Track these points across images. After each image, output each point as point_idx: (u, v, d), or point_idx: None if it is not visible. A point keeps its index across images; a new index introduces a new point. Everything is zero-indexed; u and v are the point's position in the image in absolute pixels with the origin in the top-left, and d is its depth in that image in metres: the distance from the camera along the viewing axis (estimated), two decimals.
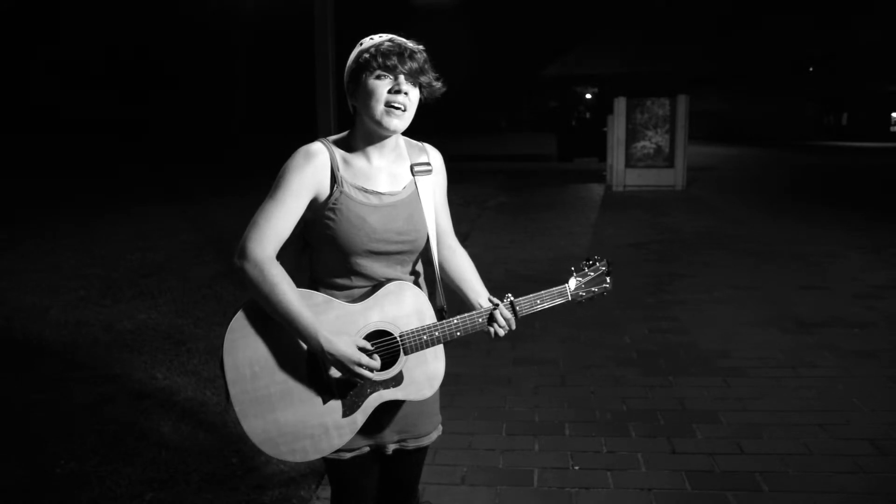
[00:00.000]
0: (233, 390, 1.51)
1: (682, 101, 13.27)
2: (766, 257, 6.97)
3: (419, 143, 1.74)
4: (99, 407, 3.55)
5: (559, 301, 1.74)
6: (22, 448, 3.13)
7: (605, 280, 1.81)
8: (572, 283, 1.78)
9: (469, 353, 4.25)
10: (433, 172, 1.71)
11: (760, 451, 2.97)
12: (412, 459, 1.80)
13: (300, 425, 1.55)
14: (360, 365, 1.51)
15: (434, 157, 1.74)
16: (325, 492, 2.73)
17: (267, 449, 1.54)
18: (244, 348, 1.52)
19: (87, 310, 5.37)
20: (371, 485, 1.79)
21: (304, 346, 1.53)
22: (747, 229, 8.68)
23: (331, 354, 1.49)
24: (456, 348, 1.79)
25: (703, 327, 4.72)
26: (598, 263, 1.80)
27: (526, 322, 5.04)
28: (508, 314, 1.67)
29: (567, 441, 3.12)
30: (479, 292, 1.74)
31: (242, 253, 1.50)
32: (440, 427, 1.81)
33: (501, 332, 1.67)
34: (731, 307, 5.21)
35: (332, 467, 1.73)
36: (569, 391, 3.69)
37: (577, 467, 2.88)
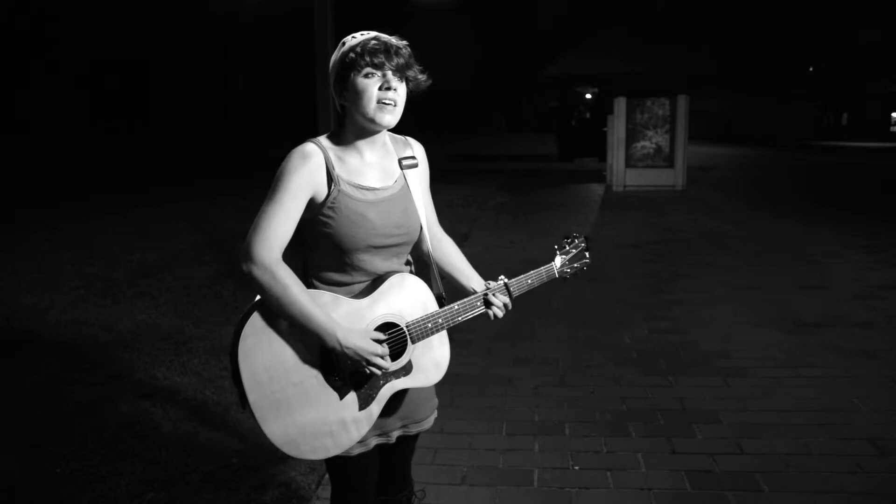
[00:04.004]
0: (252, 396, 1.51)
1: (682, 101, 13.26)
2: (766, 257, 6.97)
3: (402, 137, 1.78)
4: (99, 407, 3.55)
5: (547, 279, 1.87)
6: (22, 448, 3.13)
7: (585, 255, 1.95)
8: (557, 261, 1.90)
9: (469, 353, 4.25)
10: (418, 165, 1.76)
11: (760, 451, 2.97)
12: (409, 445, 1.88)
13: (320, 423, 1.57)
14: (377, 355, 1.55)
15: (417, 150, 1.79)
16: (325, 492, 2.73)
17: (289, 450, 1.56)
18: (259, 354, 1.52)
19: (87, 310, 5.37)
20: (373, 481, 1.81)
21: (316, 345, 1.56)
22: (747, 229, 8.68)
23: (348, 348, 1.53)
24: (456, 348, 1.82)
25: (703, 327, 4.72)
26: (577, 240, 1.94)
27: (526, 321, 5.05)
28: (504, 297, 1.77)
29: (567, 441, 3.12)
30: (470, 277, 1.83)
31: (250, 257, 1.51)
32: (436, 411, 1.87)
33: (500, 314, 1.76)
34: (731, 307, 5.21)
35: (336, 466, 1.74)
36: (569, 391, 3.69)
37: (577, 467, 2.88)
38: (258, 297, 1.57)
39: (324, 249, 1.63)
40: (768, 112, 37.54)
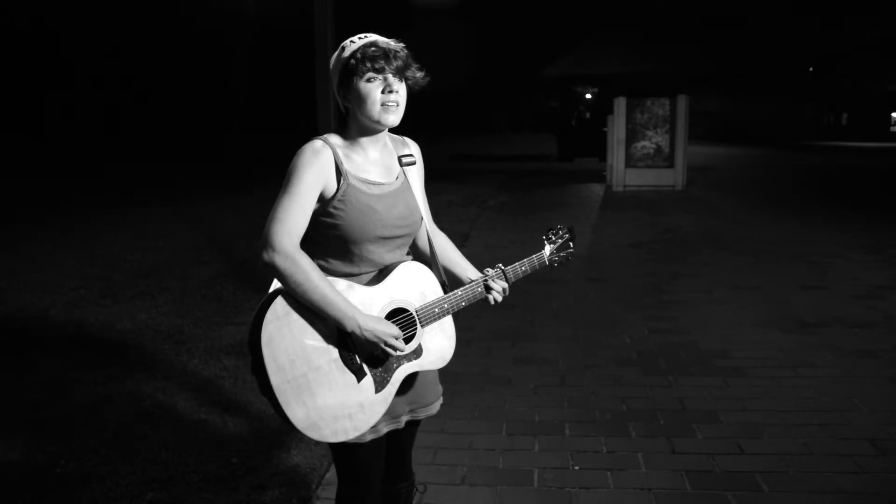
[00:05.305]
0: (274, 381, 1.56)
1: (682, 101, 13.26)
2: (766, 257, 6.97)
3: (400, 137, 1.88)
4: (99, 407, 3.55)
5: (538, 266, 2.01)
6: (22, 449, 3.13)
7: (570, 245, 2.12)
8: (546, 250, 2.06)
9: (469, 352, 4.25)
10: (416, 163, 1.86)
11: (760, 451, 2.97)
12: (413, 431, 1.95)
13: (339, 407, 1.64)
14: (394, 337, 1.63)
15: (414, 149, 1.88)
16: (325, 492, 2.73)
17: (311, 434, 1.61)
18: (281, 339, 1.58)
19: (87, 310, 5.37)
20: (379, 472, 1.86)
21: (334, 330, 1.63)
22: (747, 229, 8.68)
23: (367, 332, 1.60)
24: (456, 348, 1.86)
25: (703, 327, 4.72)
26: (561, 231, 2.10)
27: (526, 321, 5.04)
28: (503, 282, 1.89)
29: (567, 441, 3.12)
30: (466, 268, 1.94)
31: (272, 247, 1.58)
32: (441, 398, 1.94)
33: (499, 298, 1.88)
34: (731, 307, 5.21)
35: (343, 456, 1.79)
36: (569, 391, 3.69)
37: (577, 467, 2.88)
38: (274, 287, 1.65)
39: (332, 242, 1.70)
40: (768, 112, 37.53)
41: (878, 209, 10.28)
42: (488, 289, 1.86)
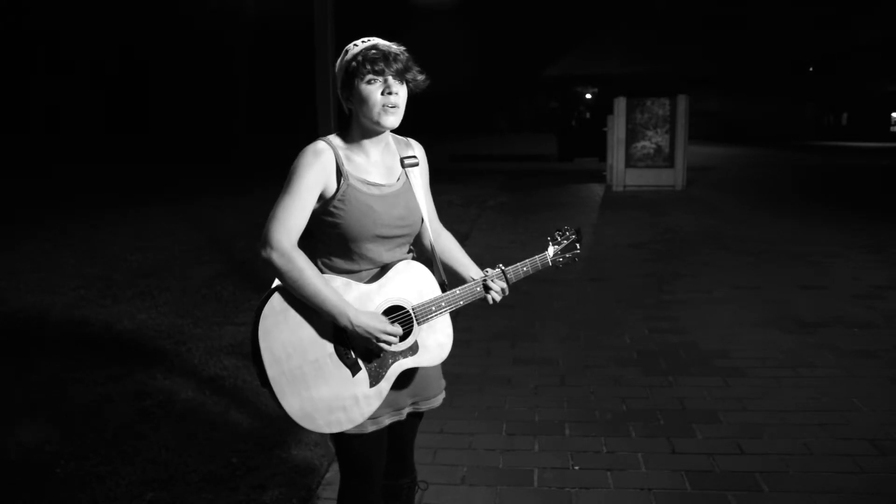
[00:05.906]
0: (271, 372, 1.62)
1: (682, 101, 13.26)
2: (766, 257, 6.97)
3: (404, 138, 1.90)
4: (99, 407, 3.55)
5: (541, 266, 2.00)
6: (22, 448, 3.13)
7: (576, 246, 2.11)
8: (550, 250, 2.05)
9: (469, 352, 4.25)
10: (419, 164, 1.88)
11: (760, 451, 2.97)
12: (415, 424, 1.98)
13: (334, 399, 1.68)
14: (387, 333, 1.66)
15: (418, 150, 1.90)
16: (326, 492, 2.73)
17: (306, 424, 1.66)
18: (278, 332, 1.63)
19: (87, 310, 5.37)
20: (380, 468, 1.88)
21: (330, 326, 1.67)
22: (747, 229, 8.68)
23: (360, 327, 1.64)
24: (456, 348, 1.87)
25: (703, 327, 4.72)
26: (568, 233, 2.09)
27: (526, 321, 5.04)
28: (502, 282, 1.90)
29: (567, 441, 3.12)
30: (468, 266, 1.95)
31: (270, 244, 1.63)
32: (444, 392, 1.97)
33: (498, 298, 1.89)
34: (731, 307, 5.21)
35: (345, 449, 1.81)
36: (569, 391, 3.69)
37: (577, 467, 2.88)
38: (275, 283, 1.68)
39: (333, 240, 1.75)
40: (768, 112, 37.56)
41: (878, 209, 10.28)
42: (487, 288, 1.88)
